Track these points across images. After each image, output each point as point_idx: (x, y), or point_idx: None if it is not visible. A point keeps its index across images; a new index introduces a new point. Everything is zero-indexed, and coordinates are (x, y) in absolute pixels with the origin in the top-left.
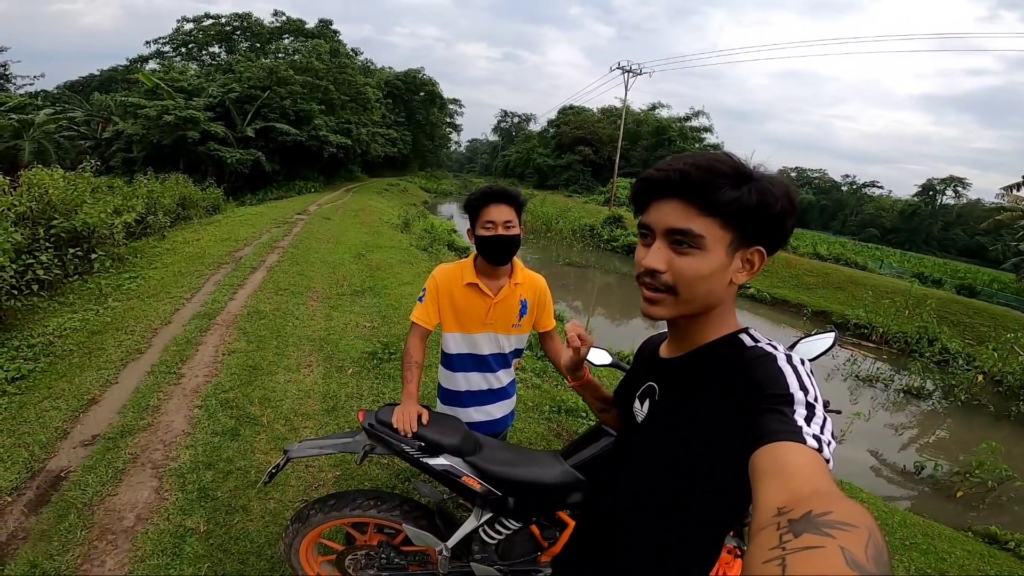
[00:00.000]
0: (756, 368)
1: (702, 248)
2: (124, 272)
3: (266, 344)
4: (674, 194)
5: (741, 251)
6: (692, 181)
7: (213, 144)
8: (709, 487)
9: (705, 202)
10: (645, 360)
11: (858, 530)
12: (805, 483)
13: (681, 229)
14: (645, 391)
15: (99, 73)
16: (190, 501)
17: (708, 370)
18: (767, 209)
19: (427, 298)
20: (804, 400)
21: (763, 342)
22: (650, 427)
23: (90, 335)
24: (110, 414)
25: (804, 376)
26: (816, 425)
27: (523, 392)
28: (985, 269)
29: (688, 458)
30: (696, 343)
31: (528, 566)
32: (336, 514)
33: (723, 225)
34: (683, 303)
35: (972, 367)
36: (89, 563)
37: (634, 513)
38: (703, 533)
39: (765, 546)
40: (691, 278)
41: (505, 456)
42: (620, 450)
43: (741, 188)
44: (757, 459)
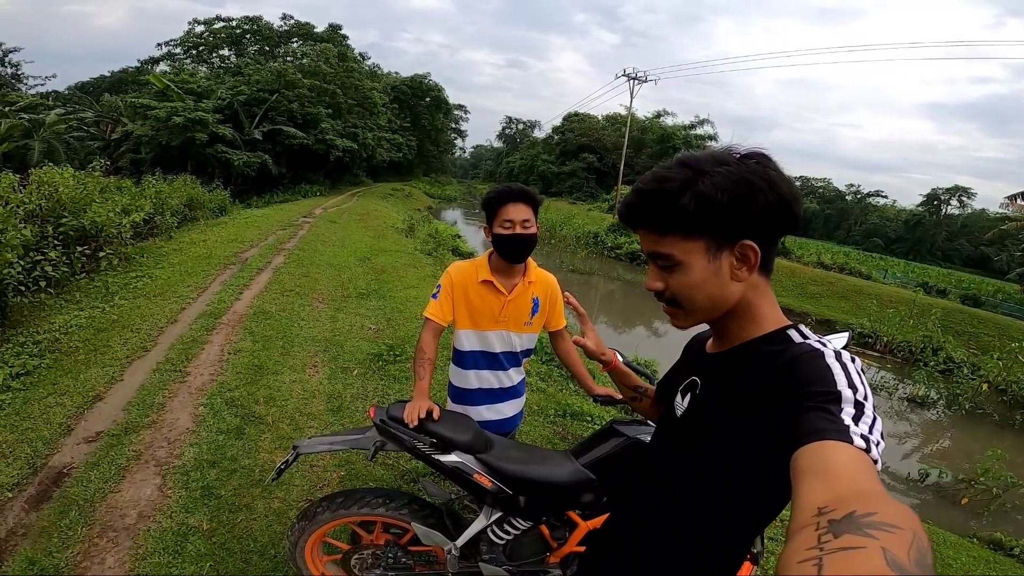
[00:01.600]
0: (802, 365)
1: (679, 263)
2: (131, 271)
3: (272, 344)
4: (636, 225)
5: (727, 249)
6: (637, 212)
7: (221, 146)
8: (745, 485)
9: (656, 225)
10: (691, 355)
11: (902, 531)
12: (849, 483)
13: (652, 253)
14: (688, 385)
15: (110, 74)
16: (193, 499)
17: (752, 366)
18: (707, 209)
19: (442, 294)
20: (853, 398)
21: (812, 339)
22: (689, 421)
23: (96, 332)
24: (115, 411)
25: (854, 373)
26: (864, 425)
27: (528, 395)
28: (990, 279)
29: (726, 454)
30: (740, 339)
31: (537, 567)
32: (344, 512)
33: (685, 237)
34: (693, 312)
35: (976, 376)
36: (89, 560)
37: (667, 507)
38: (735, 531)
39: (803, 546)
40: (684, 292)
41: (516, 454)
42: (657, 443)
43: (683, 197)
44: (800, 457)
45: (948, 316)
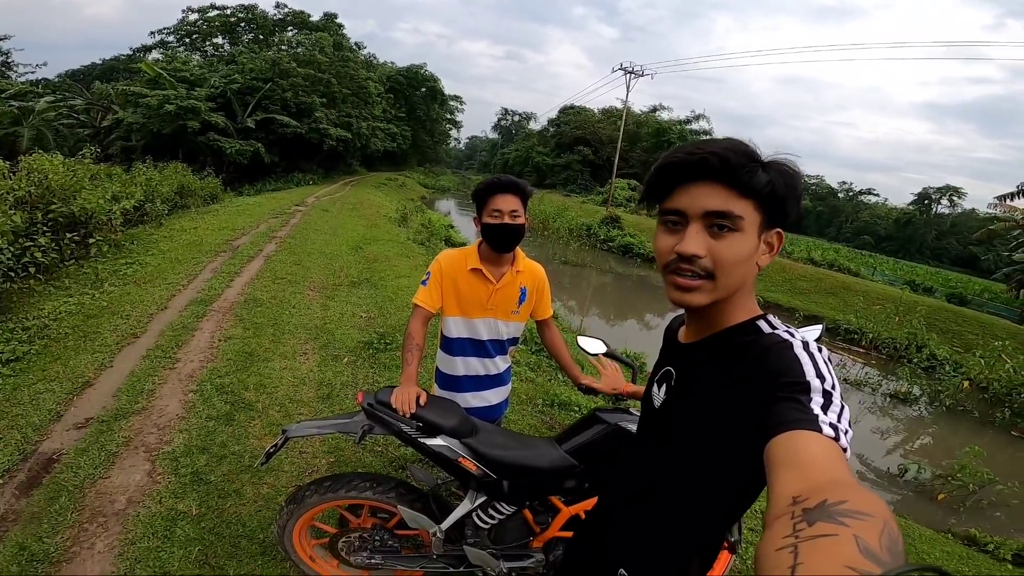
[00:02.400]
0: (772, 355)
1: (740, 230)
2: (121, 258)
3: (262, 331)
4: (710, 177)
5: (765, 233)
6: (731, 164)
7: (213, 134)
8: (720, 474)
9: (742, 185)
10: (667, 344)
11: (873, 519)
12: (821, 472)
13: (722, 211)
14: (663, 376)
15: (101, 62)
16: (183, 485)
17: (725, 356)
18: (794, 192)
19: (431, 282)
20: (821, 388)
21: (780, 329)
22: (666, 412)
23: (86, 319)
24: (104, 397)
25: (821, 363)
26: (833, 413)
27: (517, 385)
28: (977, 279)
29: (701, 444)
30: (714, 328)
31: (520, 551)
32: (332, 495)
33: (756, 208)
34: (720, 288)
35: (959, 373)
36: (78, 545)
37: (648, 496)
38: (712, 519)
39: (779, 535)
40: (731, 261)
41: (501, 440)
42: (639, 433)
43: (769, 172)
44: (772, 448)
45: (933, 314)
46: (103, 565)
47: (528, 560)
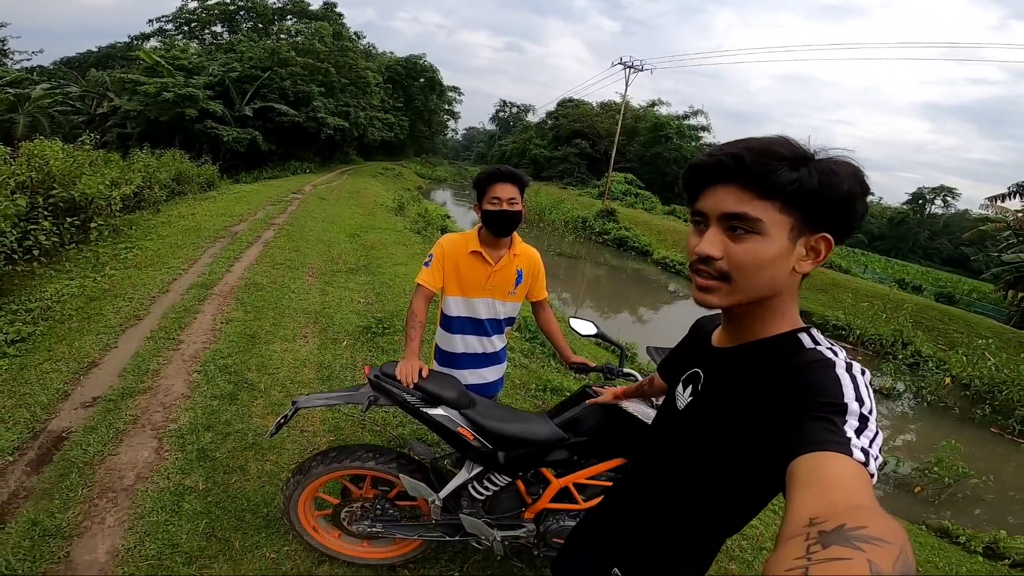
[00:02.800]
0: (812, 372)
1: (760, 232)
2: (120, 242)
3: (263, 315)
4: (728, 179)
5: (805, 237)
6: (746, 164)
7: (210, 122)
8: (734, 485)
9: (761, 185)
10: (695, 343)
11: (890, 546)
12: (844, 496)
13: (736, 213)
14: (690, 377)
15: (97, 50)
16: (189, 461)
17: (761, 368)
18: (830, 191)
19: (433, 263)
20: (858, 411)
21: (823, 345)
22: (690, 416)
23: (88, 301)
24: (110, 377)
25: (862, 386)
26: (866, 438)
27: (511, 371)
28: (967, 279)
29: (721, 453)
30: (752, 336)
31: (513, 521)
32: (337, 465)
33: (783, 209)
34: (739, 291)
35: (941, 370)
36: (89, 520)
37: (654, 497)
38: (713, 529)
39: (790, 555)
40: (748, 264)
41: (497, 413)
42: (657, 431)
43: (800, 170)
44: (797, 466)
45: (920, 312)
46: (113, 539)
47: (520, 530)
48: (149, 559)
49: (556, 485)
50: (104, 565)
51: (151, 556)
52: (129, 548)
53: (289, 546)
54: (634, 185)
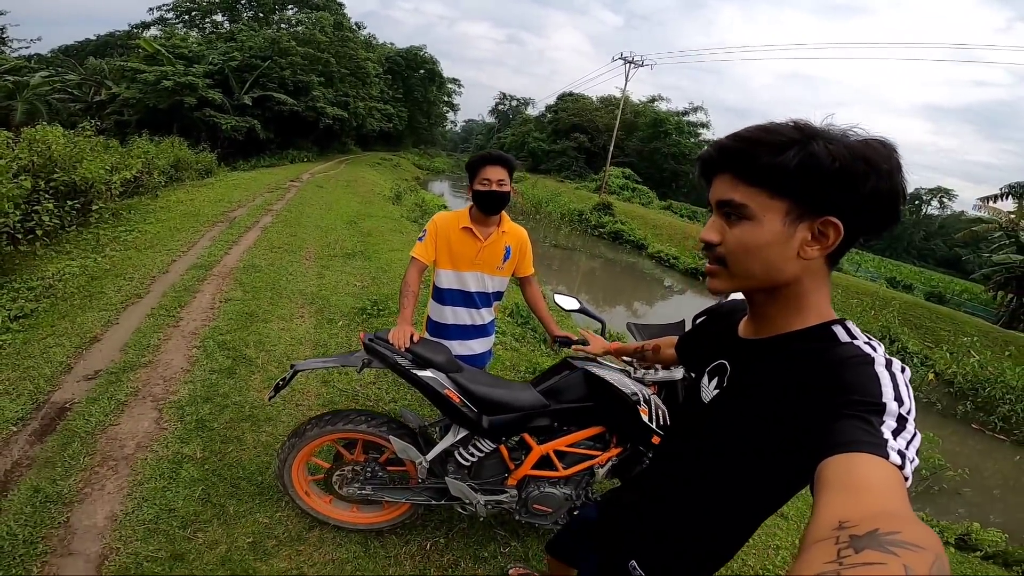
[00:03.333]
0: (848, 369)
1: (749, 218)
2: (120, 225)
3: (261, 295)
4: (721, 169)
5: (808, 222)
6: (729, 153)
7: (209, 110)
8: (759, 480)
9: (745, 172)
10: (718, 332)
11: (925, 552)
12: (877, 500)
13: (724, 200)
14: (715, 369)
15: (95, 38)
16: (188, 431)
17: (791, 361)
18: (811, 171)
19: (427, 238)
20: (897, 412)
21: (860, 339)
22: (717, 408)
23: (90, 280)
24: (112, 351)
25: (902, 385)
26: (903, 440)
27: (502, 353)
28: (959, 280)
29: (748, 447)
30: (781, 328)
31: (497, 486)
32: (331, 428)
33: (772, 194)
34: (737, 276)
35: (926, 367)
36: (90, 487)
37: (675, 490)
38: (745, 517)
39: (819, 559)
40: (739, 249)
41: (483, 379)
42: (681, 424)
43: (785, 153)
44: (827, 467)
45: (909, 310)
46: (112, 504)
47: (503, 495)
48: (146, 523)
49: (538, 451)
50: (103, 529)
51: (148, 520)
52: (127, 513)
53: (282, 512)
54: (632, 180)
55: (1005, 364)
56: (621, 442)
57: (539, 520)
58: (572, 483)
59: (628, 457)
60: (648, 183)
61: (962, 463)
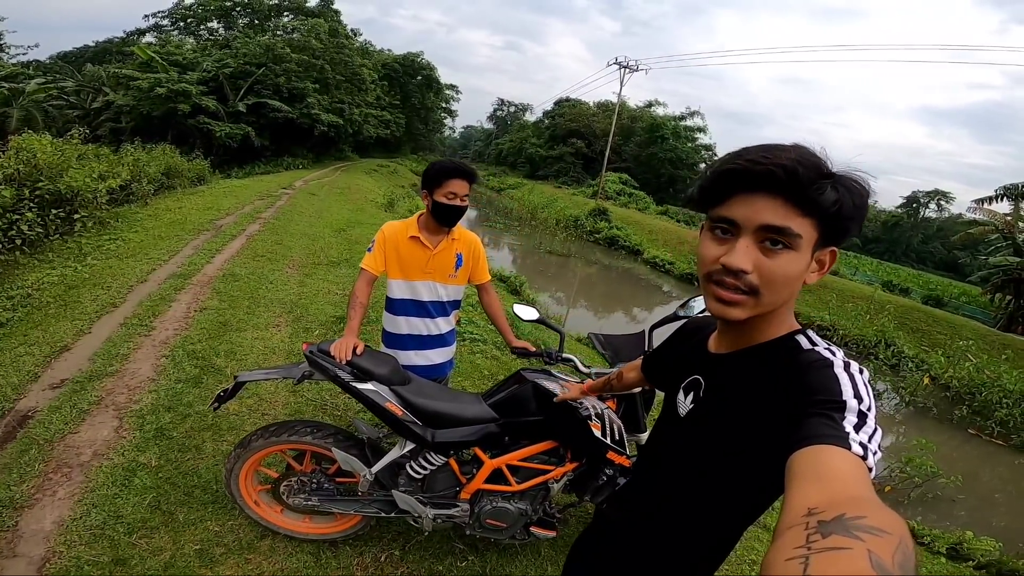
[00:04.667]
0: (810, 373)
1: (796, 248)
2: (105, 234)
3: (238, 304)
4: (773, 190)
5: (819, 251)
6: (800, 179)
7: (203, 117)
8: (744, 486)
9: (806, 202)
10: (691, 350)
11: (889, 536)
12: (843, 487)
13: (779, 227)
14: (690, 384)
15: (94, 44)
16: (146, 439)
17: (760, 371)
18: (861, 212)
19: (375, 248)
20: (857, 408)
21: (820, 346)
22: (693, 422)
23: (67, 289)
24: (81, 361)
25: (860, 384)
26: (865, 434)
27: (481, 362)
28: (957, 283)
29: (729, 456)
30: (751, 340)
31: (449, 500)
32: (275, 440)
33: (815, 226)
34: (763, 305)
35: (921, 371)
36: (42, 492)
37: (660, 506)
38: (727, 527)
39: (790, 544)
40: (780, 280)
41: (429, 391)
42: (659, 440)
43: (838, 190)
44: (796, 460)
45: (906, 314)
46: (62, 510)
47: (454, 509)
48: (92, 528)
49: (489, 465)
50: (49, 533)
51: (94, 526)
52: (75, 519)
53: (234, 520)
54: (628, 185)
55: (1002, 368)
56: (576, 457)
57: (493, 535)
58: (527, 498)
59: (585, 472)
60: (645, 188)
61: (959, 469)
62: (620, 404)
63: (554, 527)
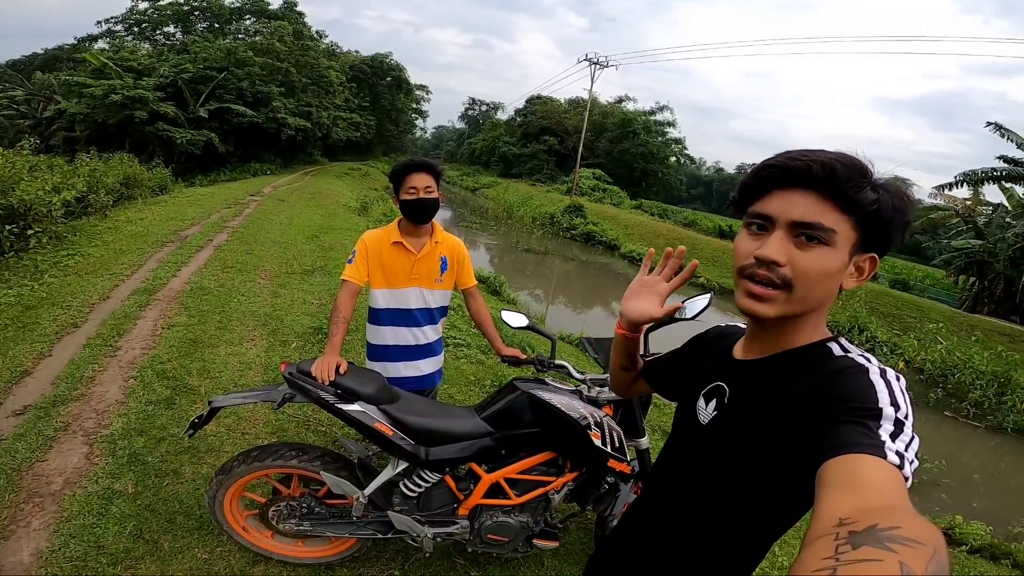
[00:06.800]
0: (843, 380)
1: (830, 244)
2: (62, 249)
3: (208, 319)
4: (810, 186)
5: (858, 255)
6: (837, 176)
7: (162, 124)
8: (770, 496)
9: (844, 199)
10: (712, 356)
11: (923, 547)
12: (877, 497)
13: (812, 223)
14: (712, 391)
15: (43, 52)
16: (120, 465)
17: (790, 377)
18: (902, 215)
19: (357, 259)
20: (894, 416)
21: (854, 352)
22: (717, 430)
23: (24, 310)
24: (43, 385)
25: (898, 391)
26: (902, 442)
27: (468, 367)
28: (921, 266)
29: (754, 465)
30: (780, 347)
31: (447, 517)
32: (259, 465)
33: (854, 226)
34: (795, 302)
35: (895, 355)
36: (15, 524)
37: (682, 515)
38: (753, 539)
39: (818, 555)
40: (813, 274)
41: (419, 407)
42: (678, 447)
43: (878, 192)
44: (827, 469)
45: (876, 299)
46: (38, 541)
47: (453, 527)
48: (74, 560)
49: (487, 480)
50: (28, 566)
51: (76, 557)
52: (54, 550)
53: (223, 547)
54: (602, 180)
55: (973, 349)
56: (576, 466)
57: (495, 550)
58: (527, 510)
59: (586, 481)
60: (619, 183)
61: (939, 452)
62: (617, 410)
63: (556, 538)
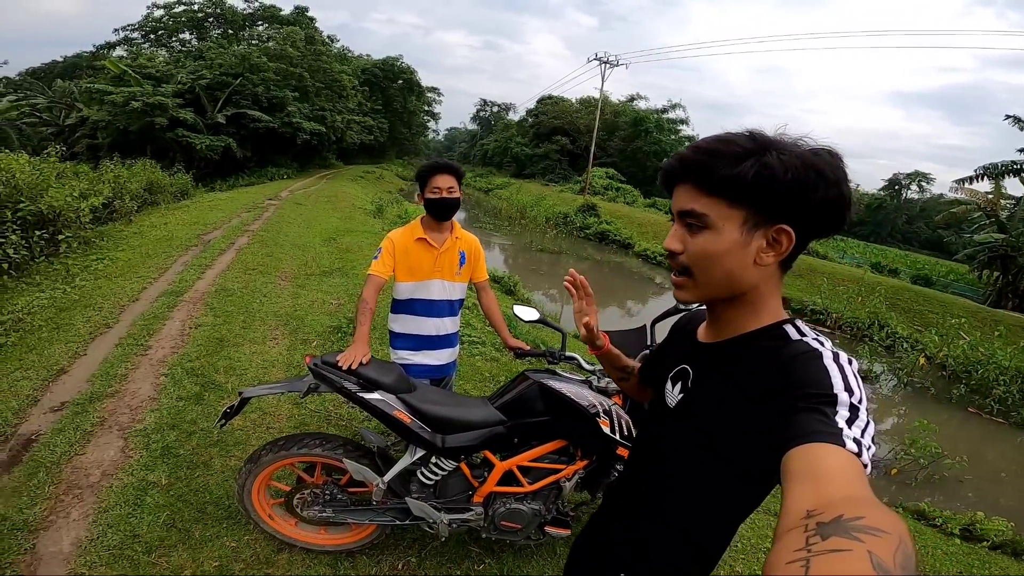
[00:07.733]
0: (799, 365)
1: (709, 227)
2: (91, 254)
3: (233, 319)
4: (682, 179)
5: (763, 229)
6: (690, 164)
7: (182, 130)
8: (733, 478)
9: (705, 182)
10: (681, 340)
11: (889, 536)
12: (839, 487)
13: (688, 210)
14: (678, 374)
15: (62, 60)
16: (154, 458)
17: (747, 361)
18: (766, 182)
19: (383, 255)
20: (848, 401)
21: (809, 336)
22: (681, 412)
23: (58, 312)
24: (79, 383)
25: (851, 376)
26: (857, 428)
27: (482, 364)
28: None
29: (717, 448)
30: (736, 330)
31: (462, 504)
32: (285, 453)
33: (730, 204)
34: (703, 286)
35: (916, 351)
36: (55, 515)
37: (652, 495)
38: (719, 521)
39: (790, 547)
40: (701, 257)
41: (435, 397)
42: (648, 430)
43: (742, 164)
44: (791, 459)
45: (897, 294)
46: (77, 531)
47: (468, 513)
48: (111, 548)
49: (500, 468)
50: (68, 555)
51: (113, 546)
52: (92, 539)
53: (250, 535)
54: (615, 179)
55: (996, 344)
56: (586, 455)
57: (509, 537)
58: (540, 498)
59: (596, 469)
60: (632, 182)
61: (963, 449)
62: (626, 399)
63: (568, 525)
